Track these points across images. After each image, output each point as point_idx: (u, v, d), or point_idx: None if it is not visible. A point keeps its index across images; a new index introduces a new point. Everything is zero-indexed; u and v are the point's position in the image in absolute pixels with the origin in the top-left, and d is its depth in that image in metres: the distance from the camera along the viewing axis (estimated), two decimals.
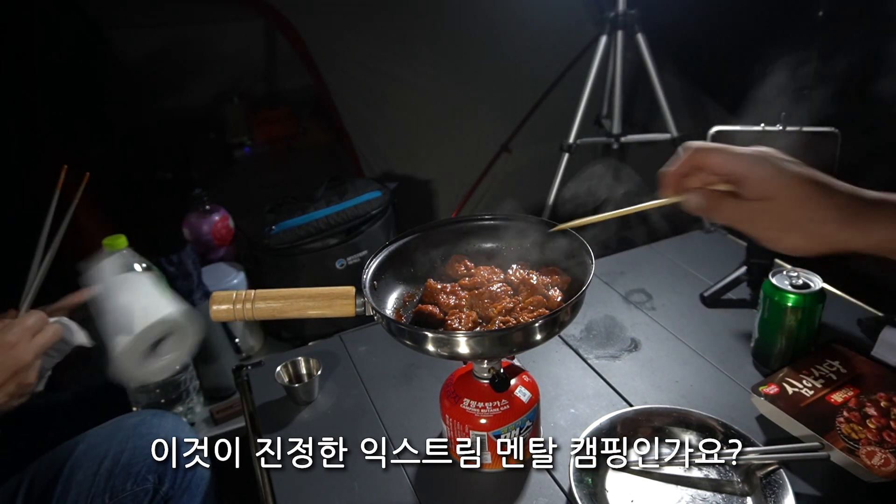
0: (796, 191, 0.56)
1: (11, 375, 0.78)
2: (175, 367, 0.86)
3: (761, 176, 0.57)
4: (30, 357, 0.79)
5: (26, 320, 0.81)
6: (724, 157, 0.59)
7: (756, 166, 0.57)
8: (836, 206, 0.56)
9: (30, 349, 0.80)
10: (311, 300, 0.70)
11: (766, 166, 0.57)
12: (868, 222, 0.56)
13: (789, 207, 0.56)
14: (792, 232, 0.57)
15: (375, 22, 2.28)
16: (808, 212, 0.56)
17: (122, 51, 2.40)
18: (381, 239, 1.78)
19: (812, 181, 0.57)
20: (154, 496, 0.91)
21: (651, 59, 1.95)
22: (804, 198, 0.56)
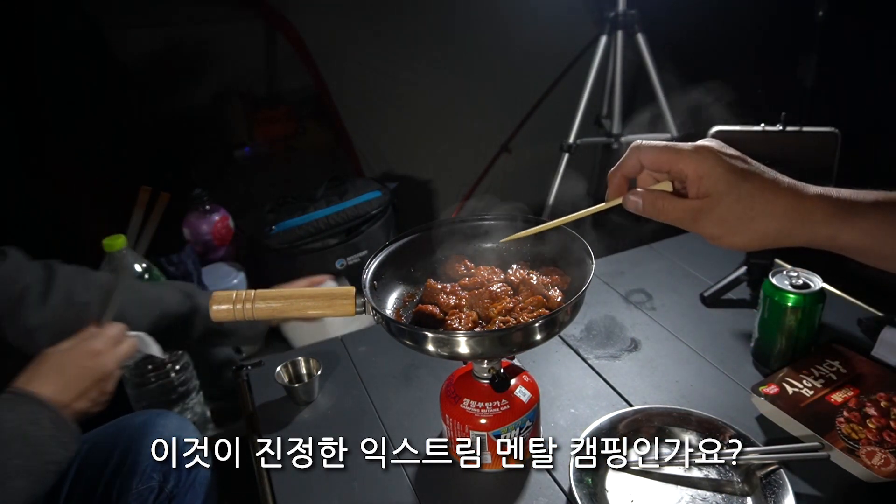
0: (739, 189, 0.55)
1: (96, 382, 0.81)
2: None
3: (703, 174, 0.56)
4: (113, 365, 0.83)
5: (110, 330, 0.85)
6: (664, 154, 0.58)
7: (698, 164, 0.56)
8: (778, 203, 0.55)
9: (114, 357, 0.84)
10: (311, 300, 0.70)
11: (708, 164, 0.56)
12: (809, 219, 0.55)
13: (731, 206, 0.55)
14: (735, 230, 0.56)
15: (376, 22, 2.28)
16: (751, 210, 0.55)
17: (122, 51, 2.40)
18: (381, 239, 1.78)
19: (754, 178, 0.56)
20: (159, 494, 0.92)
21: (651, 59, 1.95)
22: (747, 196, 0.55)
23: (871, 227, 0.54)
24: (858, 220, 0.54)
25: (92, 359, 0.81)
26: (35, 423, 0.73)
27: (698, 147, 0.57)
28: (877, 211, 0.54)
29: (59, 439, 0.75)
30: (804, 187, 0.56)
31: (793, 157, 0.99)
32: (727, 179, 0.55)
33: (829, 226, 0.55)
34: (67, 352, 0.81)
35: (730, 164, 0.56)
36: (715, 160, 0.56)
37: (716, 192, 0.56)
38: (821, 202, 0.55)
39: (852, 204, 0.55)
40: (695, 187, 0.57)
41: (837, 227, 0.55)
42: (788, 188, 0.55)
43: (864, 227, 0.54)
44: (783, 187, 0.55)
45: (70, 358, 0.80)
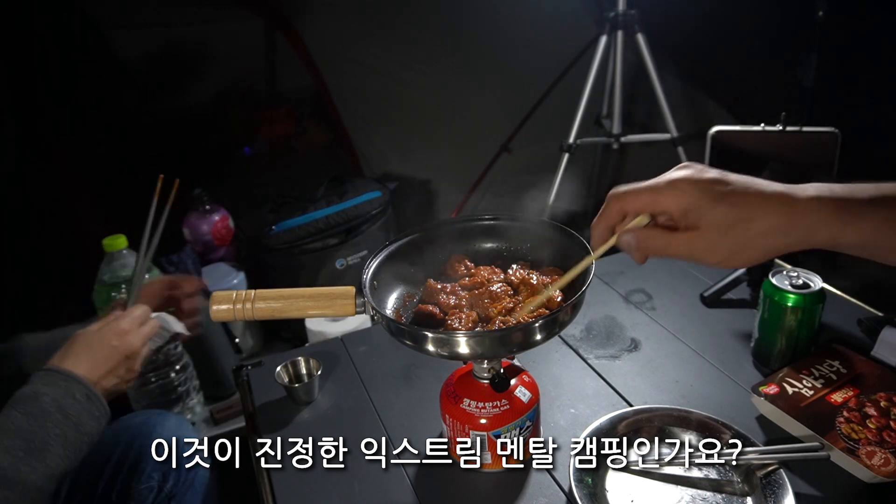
0: (727, 215, 0.54)
1: (123, 360, 0.86)
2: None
3: (687, 208, 0.55)
4: (139, 344, 0.88)
5: (134, 311, 0.91)
6: (644, 197, 0.58)
7: (679, 199, 0.55)
8: (770, 219, 0.53)
9: (139, 336, 0.89)
10: (311, 300, 0.70)
11: (690, 197, 0.55)
12: (806, 227, 0.53)
13: (724, 232, 0.54)
14: (734, 253, 0.55)
15: (376, 22, 2.28)
16: (745, 232, 0.54)
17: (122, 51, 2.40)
18: (381, 239, 1.78)
19: (739, 199, 0.54)
20: (159, 494, 0.92)
21: (651, 59, 1.95)
22: (736, 220, 0.54)
23: (869, 227, 0.53)
24: (857, 221, 0.53)
25: (120, 338, 0.86)
26: (70, 396, 0.79)
27: (674, 181, 0.56)
28: (874, 209, 0.53)
29: (91, 412, 0.80)
30: (795, 193, 0.54)
31: (793, 157, 0.99)
32: (712, 207, 0.54)
33: (827, 230, 0.53)
34: (96, 332, 0.87)
35: (711, 190, 0.55)
36: (694, 191, 0.55)
37: (704, 222, 0.55)
38: (815, 207, 0.53)
39: (848, 203, 0.53)
40: (682, 222, 0.56)
41: (837, 231, 0.53)
42: (778, 199, 0.54)
43: (864, 228, 0.53)
44: (773, 200, 0.54)
45: (99, 338, 0.86)
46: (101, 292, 1.24)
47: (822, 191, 0.54)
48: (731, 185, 0.55)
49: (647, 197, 0.58)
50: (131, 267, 1.25)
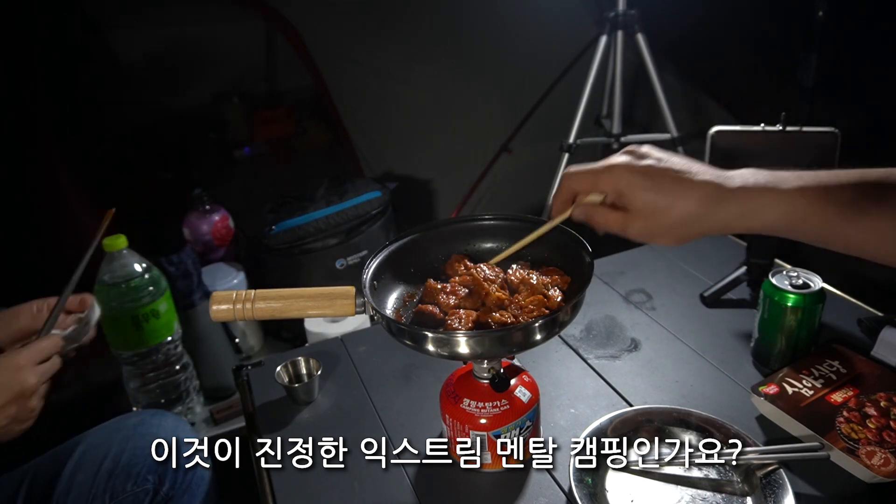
0: (649, 203, 0.61)
1: (14, 398, 0.77)
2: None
3: (620, 190, 0.62)
4: (34, 382, 0.78)
5: (39, 343, 0.81)
6: (587, 179, 0.65)
7: (614, 182, 0.62)
8: (688, 208, 0.60)
9: (36, 373, 0.78)
10: (311, 300, 0.70)
11: (623, 180, 0.62)
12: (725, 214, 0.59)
13: (646, 217, 0.61)
14: (660, 233, 0.62)
15: (376, 22, 2.28)
16: (665, 199, 0.60)
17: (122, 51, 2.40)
18: (381, 239, 1.78)
19: (665, 174, 0.61)
20: (154, 496, 0.91)
21: (651, 59, 1.95)
22: (658, 208, 0.60)
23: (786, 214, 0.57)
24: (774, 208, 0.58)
25: (12, 374, 0.76)
26: None
27: (612, 166, 0.63)
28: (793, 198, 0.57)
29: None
30: (723, 183, 0.59)
31: (793, 157, 0.99)
32: (640, 194, 0.61)
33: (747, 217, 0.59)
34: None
35: (642, 177, 0.61)
36: (628, 176, 0.62)
37: (633, 206, 0.62)
38: (740, 196, 0.59)
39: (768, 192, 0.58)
40: (618, 203, 0.64)
41: (756, 217, 0.58)
42: (704, 188, 0.60)
43: (780, 214, 0.58)
44: (698, 189, 0.60)
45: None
46: (101, 292, 1.24)
47: (747, 181, 0.59)
48: (664, 172, 0.61)
49: (589, 179, 0.65)
50: (131, 267, 1.25)
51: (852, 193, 0.56)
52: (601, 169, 0.64)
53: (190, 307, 1.46)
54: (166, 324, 1.33)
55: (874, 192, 0.56)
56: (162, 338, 1.34)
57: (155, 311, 1.30)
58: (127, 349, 1.32)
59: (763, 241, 1.07)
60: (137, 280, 1.26)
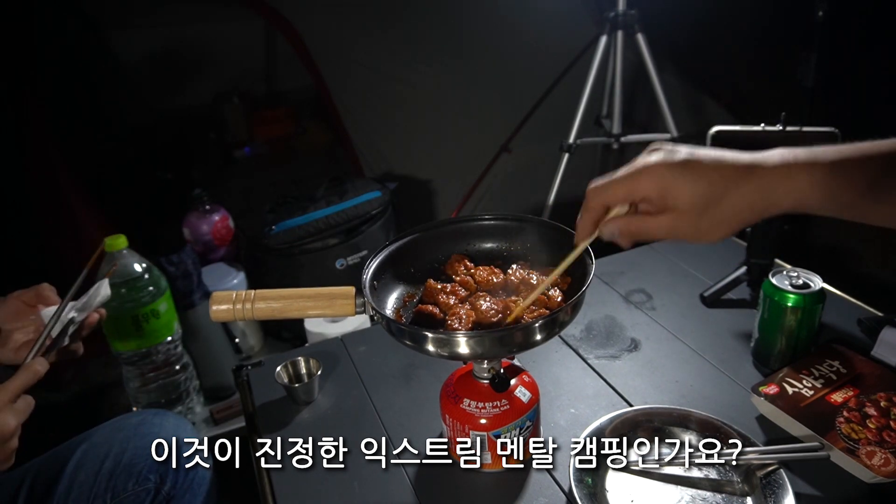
0: (695, 185, 0.57)
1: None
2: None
3: (664, 191, 0.58)
4: (14, 424, 0.73)
5: (14, 382, 0.74)
6: (624, 187, 0.60)
7: (656, 183, 0.58)
8: (741, 195, 0.56)
9: (14, 413, 0.73)
10: (311, 300, 0.70)
11: (665, 180, 0.58)
12: (773, 192, 0.56)
13: (695, 203, 0.57)
14: (710, 223, 0.58)
15: (375, 22, 2.28)
16: (718, 210, 0.57)
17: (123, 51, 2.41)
18: (381, 239, 1.78)
19: (706, 168, 0.57)
20: (156, 496, 0.91)
21: (651, 59, 1.95)
22: (704, 186, 0.57)
23: (833, 189, 0.55)
24: (821, 184, 0.55)
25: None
26: None
27: (649, 167, 0.58)
28: (837, 171, 0.54)
29: None
30: (763, 163, 0.56)
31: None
32: (687, 188, 0.57)
33: (795, 195, 0.56)
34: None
35: (684, 171, 0.57)
36: (669, 173, 0.57)
37: (681, 203, 0.57)
38: (784, 174, 0.56)
39: (812, 167, 0.55)
40: (660, 205, 0.59)
41: (804, 194, 0.55)
42: (748, 171, 0.56)
43: (827, 190, 0.55)
44: (743, 174, 0.56)
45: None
46: None
47: (787, 157, 0.56)
48: (702, 163, 0.57)
49: (626, 186, 0.60)
50: (131, 267, 1.25)
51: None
52: (635, 172, 0.59)
53: (190, 307, 1.47)
54: (166, 324, 1.33)
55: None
56: (162, 338, 1.34)
57: (155, 311, 1.30)
58: (127, 349, 1.32)
59: (763, 240, 1.07)
60: (137, 280, 1.26)
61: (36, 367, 0.76)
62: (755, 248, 1.09)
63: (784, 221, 1.05)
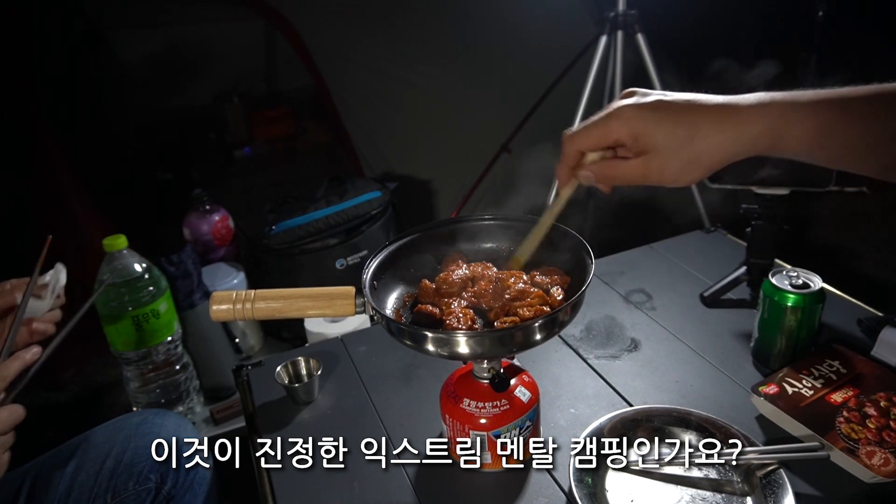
0: (667, 123, 0.57)
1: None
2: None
3: (636, 133, 0.58)
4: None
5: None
6: (597, 132, 0.60)
7: (628, 126, 0.58)
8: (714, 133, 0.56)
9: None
10: (311, 300, 0.70)
11: (637, 122, 0.58)
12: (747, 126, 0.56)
13: (668, 142, 0.57)
14: (683, 163, 0.58)
15: (376, 22, 2.28)
16: (691, 149, 0.56)
17: (122, 51, 2.41)
18: (381, 239, 1.78)
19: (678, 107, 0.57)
20: (157, 495, 0.91)
21: (651, 59, 1.95)
22: (675, 124, 0.56)
23: (810, 129, 0.54)
24: (798, 124, 0.54)
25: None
26: None
27: (619, 110, 0.59)
28: (815, 112, 0.54)
29: None
30: (738, 103, 0.56)
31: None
32: (659, 129, 0.57)
33: (771, 134, 0.55)
34: None
35: (656, 112, 0.57)
36: (640, 115, 0.58)
37: (654, 145, 0.57)
38: (759, 113, 0.55)
39: (791, 106, 0.55)
40: (634, 147, 0.59)
41: (780, 134, 0.55)
42: (721, 110, 0.57)
43: (805, 130, 0.54)
44: (716, 112, 0.57)
45: None
46: (101, 292, 1.24)
47: (764, 98, 0.56)
48: (674, 104, 0.58)
49: (598, 131, 0.60)
50: (131, 267, 1.25)
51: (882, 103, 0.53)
52: (607, 116, 0.59)
53: (190, 307, 1.47)
54: (166, 324, 1.33)
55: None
56: (162, 338, 1.34)
57: (155, 311, 1.30)
58: (127, 349, 1.32)
59: (763, 240, 1.07)
60: (137, 280, 1.26)
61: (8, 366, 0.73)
62: (755, 248, 1.09)
63: (784, 221, 1.05)
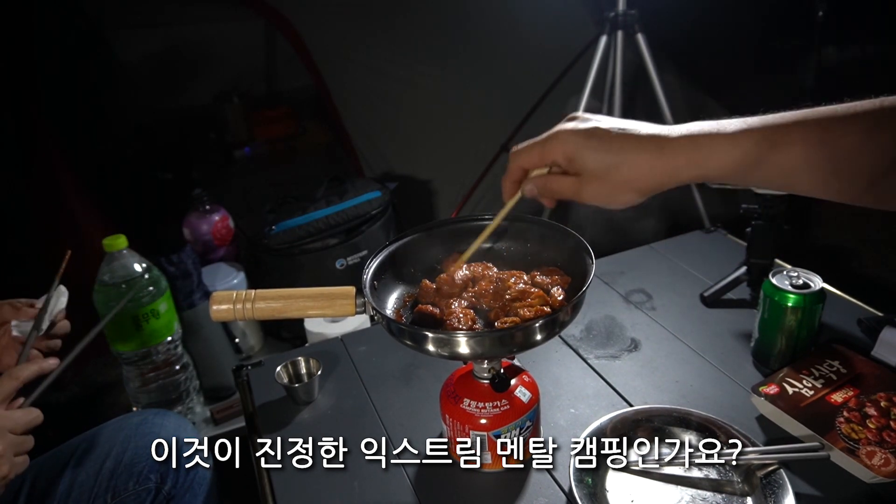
0: (598, 149, 0.60)
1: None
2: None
3: (569, 156, 0.61)
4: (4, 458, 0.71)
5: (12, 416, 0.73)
6: (535, 152, 0.64)
7: (562, 149, 0.62)
8: (639, 162, 0.59)
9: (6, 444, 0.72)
10: (311, 300, 0.70)
11: (570, 146, 0.61)
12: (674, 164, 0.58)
13: (598, 165, 0.60)
14: (614, 192, 0.61)
15: (376, 22, 2.28)
16: (617, 176, 0.60)
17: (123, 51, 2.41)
18: (381, 239, 1.78)
19: (609, 147, 0.60)
20: (157, 495, 0.91)
21: (651, 59, 1.95)
22: (606, 150, 0.59)
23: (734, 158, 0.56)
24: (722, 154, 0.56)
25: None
26: None
27: (557, 133, 0.62)
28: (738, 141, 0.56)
29: None
30: (667, 134, 0.59)
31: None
32: (589, 155, 0.60)
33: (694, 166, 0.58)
34: None
35: (589, 139, 0.60)
36: (574, 140, 0.61)
37: (585, 169, 0.61)
38: (685, 145, 0.58)
39: (714, 138, 0.57)
40: (570, 169, 0.63)
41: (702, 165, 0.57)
42: (649, 141, 0.59)
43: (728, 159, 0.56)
44: (644, 143, 0.59)
45: None
46: (101, 292, 1.24)
47: (692, 129, 0.58)
48: (607, 132, 0.60)
49: (538, 151, 0.64)
50: (131, 267, 1.25)
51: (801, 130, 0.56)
52: (546, 138, 0.63)
53: (190, 307, 1.47)
54: (166, 324, 1.33)
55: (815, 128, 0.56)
56: (162, 338, 1.34)
57: (155, 311, 1.30)
58: (127, 349, 1.32)
59: (763, 240, 1.07)
60: (137, 280, 1.26)
61: (15, 377, 0.75)
62: (755, 248, 1.09)
63: (784, 221, 1.05)
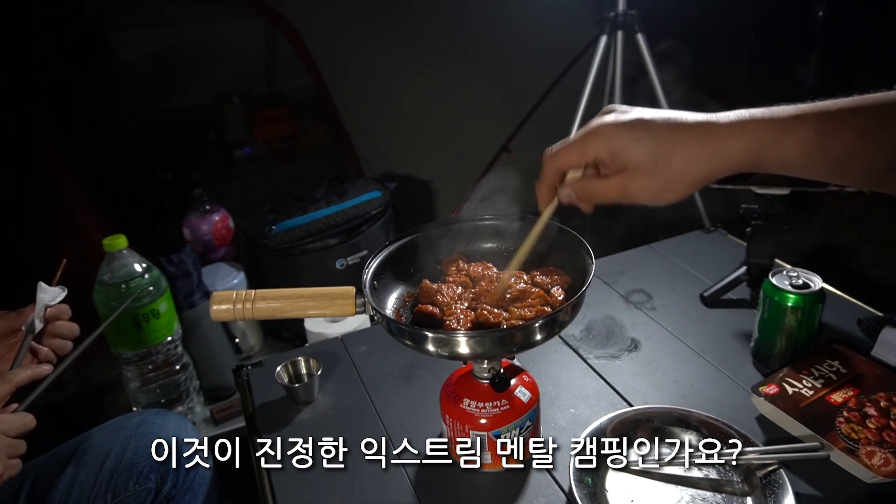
0: (646, 142, 0.56)
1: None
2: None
3: (614, 151, 0.57)
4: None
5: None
6: (576, 151, 0.60)
7: (607, 145, 0.57)
8: (691, 150, 0.55)
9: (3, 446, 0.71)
10: (311, 300, 0.70)
11: (615, 140, 0.57)
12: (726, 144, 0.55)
13: (646, 160, 0.56)
14: (662, 181, 0.57)
15: (376, 22, 2.28)
16: (668, 167, 0.56)
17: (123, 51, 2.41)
18: (381, 239, 1.78)
19: (656, 125, 0.56)
20: (157, 495, 0.91)
21: (651, 59, 1.95)
22: (654, 141, 0.56)
23: (790, 146, 0.53)
24: (778, 141, 0.54)
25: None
26: None
27: (598, 128, 0.58)
28: (794, 128, 0.53)
29: None
30: (717, 120, 0.56)
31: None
32: (636, 147, 0.56)
33: (750, 152, 0.55)
34: None
35: (633, 130, 0.56)
36: (618, 133, 0.57)
37: (631, 163, 0.57)
38: (737, 131, 0.55)
39: (769, 123, 0.54)
40: (613, 165, 0.58)
41: (760, 152, 0.54)
42: (699, 128, 0.56)
43: (785, 147, 0.54)
44: (694, 130, 0.56)
45: None
46: (101, 292, 1.24)
47: (743, 115, 0.55)
48: (652, 122, 0.57)
49: (577, 149, 0.60)
50: (131, 267, 1.25)
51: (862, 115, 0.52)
52: (585, 134, 0.59)
53: (190, 307, 1.47)
54: (166, 324, 1.34)
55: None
56: (162, 338, 1.34)
57: (155, 311, 1.30)
58: (127, 349, 1.32)
59: (763, 240, 1.07)
60: (137, 280, 1.26)
61: (10, 380, 0.74)
62: (755, 248, 1.09)
63: (784, 221, 1.05)
